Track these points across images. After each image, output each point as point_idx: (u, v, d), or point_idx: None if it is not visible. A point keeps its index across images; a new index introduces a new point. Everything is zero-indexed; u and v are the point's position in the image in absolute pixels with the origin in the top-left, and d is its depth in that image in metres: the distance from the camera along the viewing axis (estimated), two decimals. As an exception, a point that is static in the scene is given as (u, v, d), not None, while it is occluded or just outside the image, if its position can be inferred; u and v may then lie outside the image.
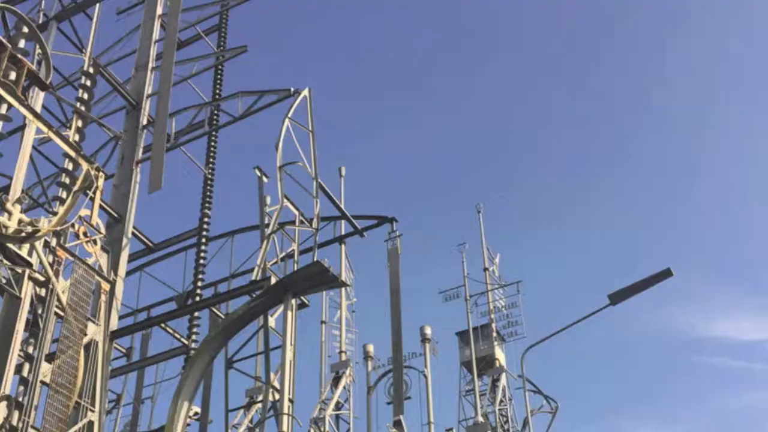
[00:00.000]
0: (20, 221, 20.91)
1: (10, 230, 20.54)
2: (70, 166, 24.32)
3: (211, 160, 31.60)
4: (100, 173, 23.90)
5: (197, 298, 29.07)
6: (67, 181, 24.15)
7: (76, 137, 24.95)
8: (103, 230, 24.20)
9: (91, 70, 27.12)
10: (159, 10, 33.93)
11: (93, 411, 22.27)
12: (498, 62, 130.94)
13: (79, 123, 25.32)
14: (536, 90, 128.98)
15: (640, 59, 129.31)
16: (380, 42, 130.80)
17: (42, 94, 24.14)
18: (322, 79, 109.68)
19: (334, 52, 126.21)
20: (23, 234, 20.67)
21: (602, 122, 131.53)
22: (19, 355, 20.82)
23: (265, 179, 33.18)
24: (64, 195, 23.77)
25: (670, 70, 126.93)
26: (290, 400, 24.37)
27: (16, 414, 20.12)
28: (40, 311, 21.64)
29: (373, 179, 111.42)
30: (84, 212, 23.05)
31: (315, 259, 28.31)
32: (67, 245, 22.85)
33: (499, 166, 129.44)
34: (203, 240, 30.19)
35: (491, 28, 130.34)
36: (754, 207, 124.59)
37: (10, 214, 20.85)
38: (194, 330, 28.82)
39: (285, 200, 28.69)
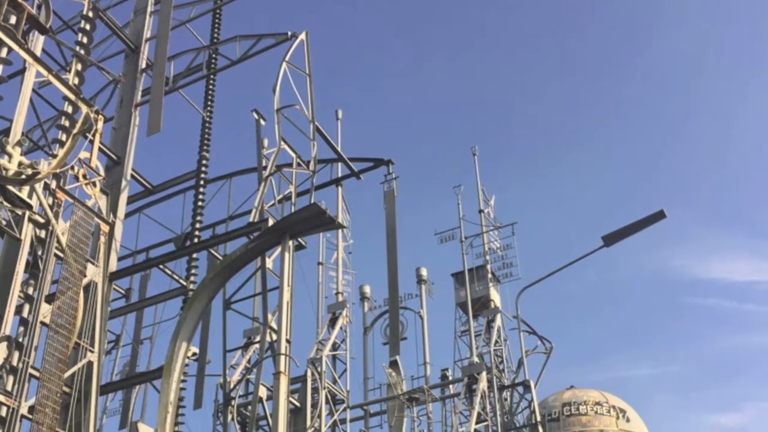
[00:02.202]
0: (20, 163, 21.10)
1: (11, 172, 20.75)
2: (70, 109, 24.47)
3: (209, 103, 31.76)
4: (100, 116, 24.04)
5: (195, 240, 29.33)
6: (67, 123, 24.30)
7: (76, 80, 25.08)
8: (102, 172, 24.42)
9: (90, 14, 27.18)
10: (157, -47, 33.91)
11: (92, 351, 22.64)
12: (496, 8, 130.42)
13: (79, 66, 25.45)
14: (533, 35, 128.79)
15: (636, 5, 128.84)
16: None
17: (42, 38, 24.25)
18: (320, 23, 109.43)
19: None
20: (23, 176, 20.86)
21: (598, 66, 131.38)
22: (19, 296, 21.11)
23: (262, 122, 33.32)
24: (63, 138, 23.93)
25: (666, 16, 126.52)
26: (287, 341, 24.71)
27: (16, 354, 20.48)
28: (39, 253, 21.93)
29: (370, 122, 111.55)
30: (83, 155, 23.23)
31: (312, 201, 28.60)
32: (66, 187, 23.10)
33: (495, 109, 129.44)
34: (201, 182, 30.40)
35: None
36: (748, 149, 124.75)
37: (10, 156, 21.04)
38: (193, 271, 29.11)
39: (282, 143, 28.90)
